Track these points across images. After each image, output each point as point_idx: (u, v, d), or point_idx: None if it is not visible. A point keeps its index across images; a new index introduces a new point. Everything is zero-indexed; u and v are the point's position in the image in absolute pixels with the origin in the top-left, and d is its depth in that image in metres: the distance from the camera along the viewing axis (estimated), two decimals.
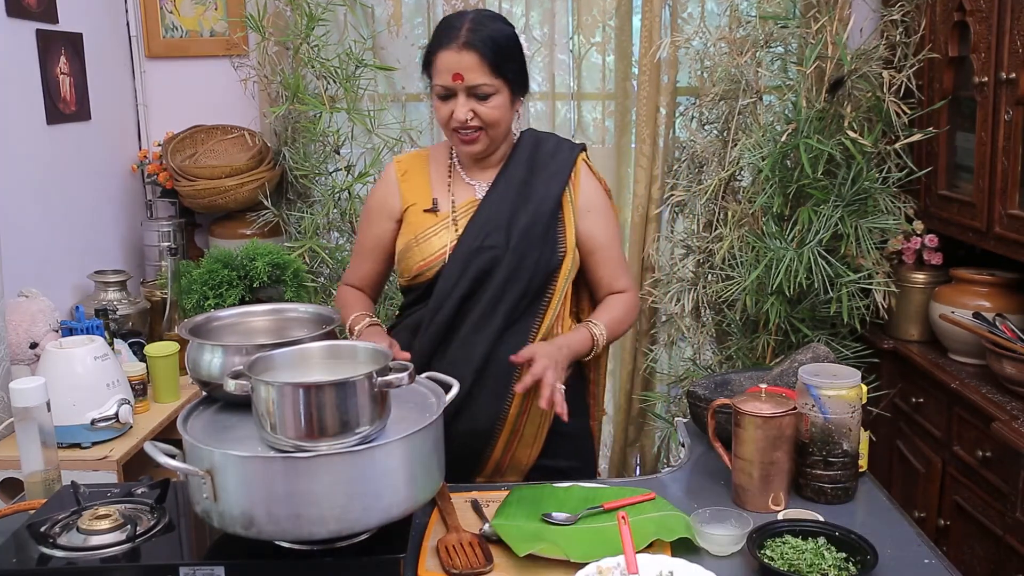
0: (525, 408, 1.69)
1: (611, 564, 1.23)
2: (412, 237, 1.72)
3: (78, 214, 2.77)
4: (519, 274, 1.67)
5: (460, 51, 1.60)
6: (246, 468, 1.15)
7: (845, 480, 1.48)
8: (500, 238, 1.68)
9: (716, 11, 3.00)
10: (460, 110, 1.62)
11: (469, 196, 1.74)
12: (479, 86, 1.61)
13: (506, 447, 1.71)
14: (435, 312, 1.68)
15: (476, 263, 1.66)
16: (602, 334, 1.71)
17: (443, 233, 1.70)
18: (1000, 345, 2.12)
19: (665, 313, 3.02)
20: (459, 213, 1.72)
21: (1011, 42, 2.15)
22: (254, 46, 3.00)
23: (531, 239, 1.68)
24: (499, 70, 1.62)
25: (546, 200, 1.71)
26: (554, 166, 1.74)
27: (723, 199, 2.77)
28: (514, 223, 1.69)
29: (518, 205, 1.70)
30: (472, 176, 1.76)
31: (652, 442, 3.25)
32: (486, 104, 1.63)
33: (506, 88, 1.64)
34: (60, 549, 1.25)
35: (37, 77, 2.55)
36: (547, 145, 1.77)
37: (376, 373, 1.20)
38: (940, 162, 2.59)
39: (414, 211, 1.74)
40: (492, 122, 1.64)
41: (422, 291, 1.72)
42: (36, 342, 2.22)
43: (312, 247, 2.83)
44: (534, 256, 1.68)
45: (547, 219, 1.70)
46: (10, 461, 1.90)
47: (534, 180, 1.72)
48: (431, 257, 1.69)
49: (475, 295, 1.67)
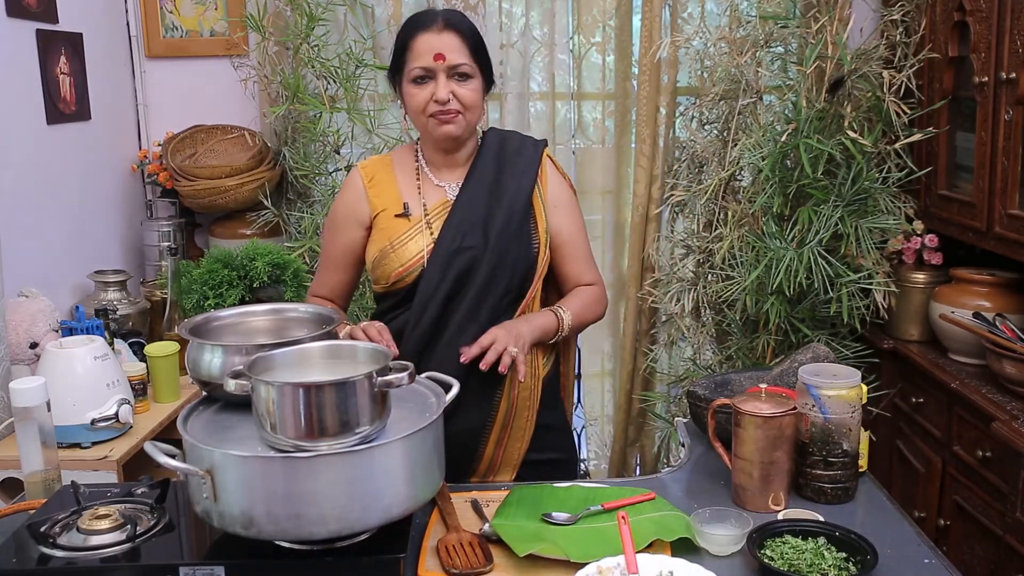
0: (513, 401, 1.72)
1: (611, 564, 1.23)
2: (387, 243, 1.71)
3: (78, 214, 2.77)
4: (500, 272, 1.68)
5: (441, 32, 1.63)
6: (246, 468, 1.15)
7: (845, 480, 1.48)
8: (478, 238, 1.68)
9: (716, 11, 3.00)
10: (441, 90, 1.62)
11: (440, 198, 1.73)
12: (460, 65, 1.63)
13: (498, 442, 1.73)
14: (419, 316, 1.67)
15: (456, 264, 1.67)
16: (567, 317, 1.74)
17: (418, 237, 1.70)
18: (1000, 345, 2.12)
19: (665, 313, 3.02)
20: (432, 216, 1.71)
21: (1011, 42, 2.15)
22: (254, 46, 3.00)
23: (508, 236, 1.69)
24: (477, 54, 1.66)
25: (518, 197, 1.72)
26: (522, 163, 1.75)
27: (723, 199, 2.77)
28: (490, 222, 1.69)
29: (491, 203, 1.71)
30: (440, 177, 1.75)
31: (652, 442, 3.25)
32: (465, 86, 1.64)
33: (480, 75, 1.67)
34: (60, 549, 1.25)
35: (37, 77, 2.55)
36: (512, 142, 1.79)
37: (376, 373, 1.20)
38: (940, 162, 2.59)
39: (384, 217, 1.73)
40: (470, 104, 1.65)
41: (401, 296, 1.72)
42: (36, 342, 2.22)
43: (312, 247, 2.83)
44: (513, 253, 1.69)
45: (520, 215, 1.71)
46: (10, 461, 1.90)
47: (503, 178, 1.73)
48: (409, 262, 1.69)
49: (458, 296, 1.68)
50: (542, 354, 1.77)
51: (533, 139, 1.82)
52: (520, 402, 1.73)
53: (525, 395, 1.74)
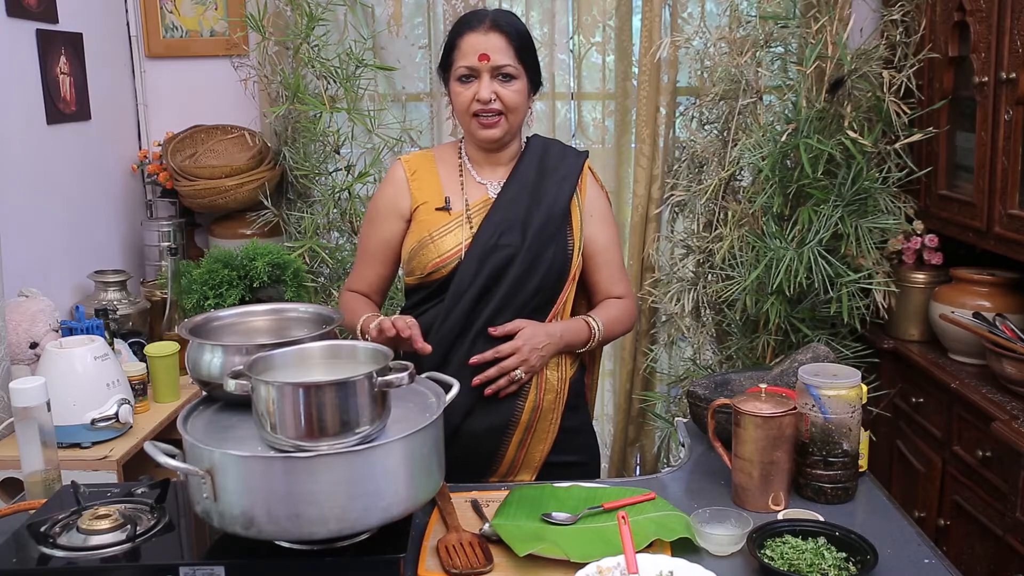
0: (539, 403, 1.72)
1: (611, 564, 1.23)
2: (427, 234, 1.73)
3: (78, 214, 2.77)
4: (533, 272, 1.70)
5: (487, 32, 1.66)
6: (246, 468, 1.15)
7: (845, 480, 1.48)
8: (515, 237, 1.70)
9: (716, 11, 3.00)
10: (484, 90, 1.66)
11: (482, 195, 1.76)
12: (504, 66, 1.66)
13: (520, 443, 1.73)
14: (450, 309, 1.69)
15: (492, 261, 1.69)
16: (599, 328, 1.75)
17: (457, 231, 1.72)
18: (1000, 345, 2.12)
19: (665, 313, 3.02)
20: (473, 211, 1.74)
21: (1011, 42, 2.15)
22: (254, 46, 3.00)
23: (544, 238, 1.71)
24: (522, 55, 1.68)
25: (558, 202, 1.74)
26: (563, 170, 1.78)
27: (723, 199, 2.77)
28: (529, 222, 1.72)
29: (531, 205, 1.73)
30: (483, 175, 1.78)
31: (652, 442, 3.25)
32: (509, 87, 1.67)
33: (525, 76, 1.70)
34: (60, 549, 1.25)
35: (37, 77, 2.55)
36: (555, 149, 1.82)
37: (376, 373, 1.20)
38: (940, 162, 2.59)
39: (425, 209, 1.75)
40: (513, 106, 1.68)
41: (433, 289, 1.73)
42: (36, 342, 2.22)
43: (312, 247, 2.83)
44: (548, 255, 1.71)
45: (558, 220, 1.74)
46: (10, 461, 1.90)
47: (544, 182, 1.76)
48: (447, 254, 1.71)
49: (490, 292, 1.70)
50: (570, 355, 1.78)
51: (576, 149, 1.86)
52: (546, 404, 1.73)
53: (551, 396, 1.74)
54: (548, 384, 1.72)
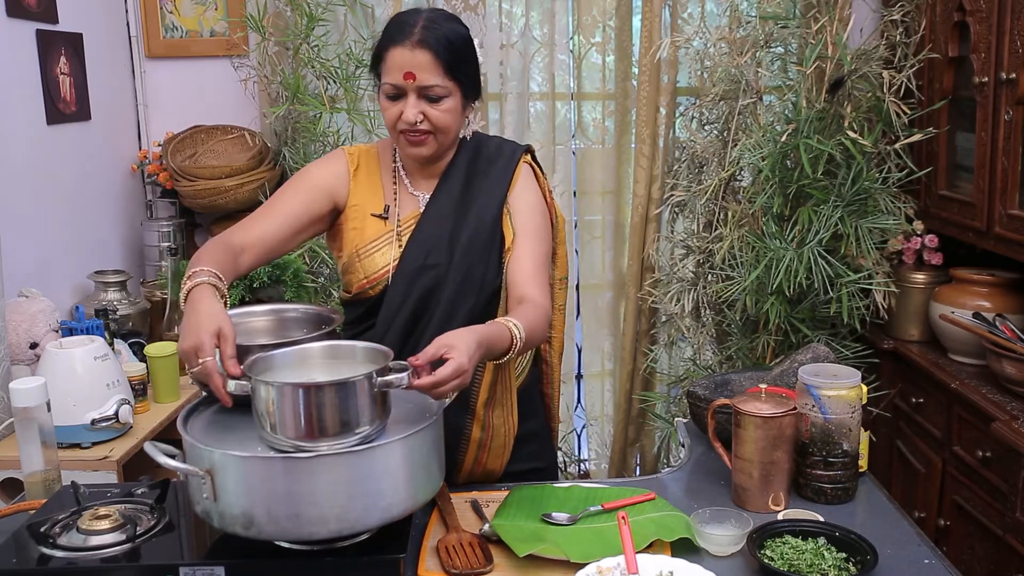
0: (488, 423, 1.65)
1: (611, 564, 1.23)
2: (354, 250, 1.62)
3: (78, 214, 2.77)
4: (465, 292, 1.59)
5: (413, 49, 1.49)
6: (246, 468, 1.15)
7: (845, 480, 1.48)
8: (442, 255, 1.59)
9: (716, 11, 3.01)
10: (410, 111, 1.51)
11: (413, 208, 1.64)
12: (432, 87, 1.50)
13: (476, 459, 1.67)
14: (382, 336, 1.59)
15: (420, 282, 1.59)
16: (521, 337, 1.44)
17: (385, 249, 1.61)
18: (1000, 345, 2.12)
19: (665, 313, 3.02)
20: (403, 228, 1.62)
21: (1011, 42, 2.15)
22: (254, 46, 3.00)
23: (473, 255, 1.59)
24: (452, 71, 1.52)
25: (487, 209, 1.61)
26: (494, 172, 1.64)
27: (723, 199, 2.77)
28: (456, 238, 1.60)
29: (459, 217, 1.61)
30: (416, 186, 1.65)
31: (652, 442, 3.25)
32: (437, 107, 1.52)
33: (458, 91, 1.54)
34: (60, 549, 1.25)
35: (37, 77, 2.55)
36: (488, 149, 1.67)
37: (376, 373, 1.20)
38: (940, 162, 2.59)
39: (358, 212, 1.64)
40: (442, 127, 1.54)
41: (365, 308, 1.65)
42: (36, 342, 2.22)
43: (312, 247, 2.83)
44: (479, 273, 1.59)
45: (489, 229, 1.61)
46: (10, 461, 1.90)
47: (472, 190, 1.63)
48: (374, 275, 1.61)
49: (424, 315, 1.60)
50: (513, 364, 1.66)
51: (513, 145, 1.70)
52: (496, 420, 1.65)
53: (500, 412, 1.66)
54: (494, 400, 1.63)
